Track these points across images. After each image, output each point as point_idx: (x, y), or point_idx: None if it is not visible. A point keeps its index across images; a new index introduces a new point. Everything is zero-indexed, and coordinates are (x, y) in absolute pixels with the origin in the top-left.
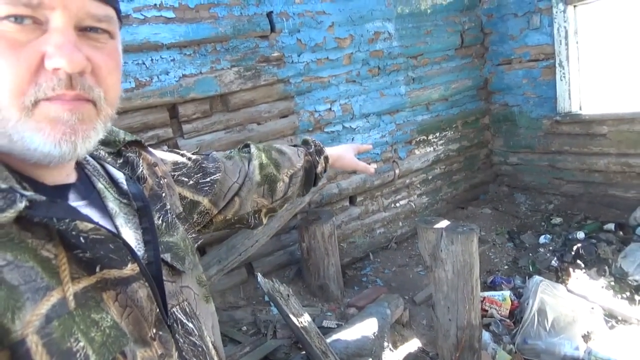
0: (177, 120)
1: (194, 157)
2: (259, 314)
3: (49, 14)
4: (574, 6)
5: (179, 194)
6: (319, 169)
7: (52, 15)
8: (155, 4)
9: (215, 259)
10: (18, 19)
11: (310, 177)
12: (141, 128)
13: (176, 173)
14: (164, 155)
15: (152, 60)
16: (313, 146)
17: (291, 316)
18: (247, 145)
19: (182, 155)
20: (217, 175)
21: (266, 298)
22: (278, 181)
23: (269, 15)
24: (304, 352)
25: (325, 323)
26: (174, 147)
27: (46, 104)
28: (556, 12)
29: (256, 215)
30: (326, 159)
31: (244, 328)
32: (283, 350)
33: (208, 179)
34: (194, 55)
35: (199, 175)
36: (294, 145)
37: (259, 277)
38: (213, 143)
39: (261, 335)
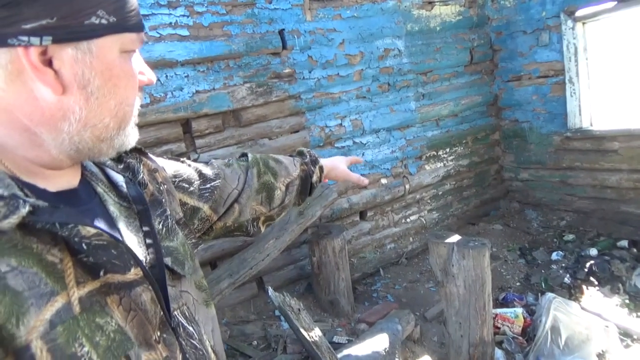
0: (190, 135)
1: (194, 164)
2: (270, 328)
3: None
4: (583, 23)
5: (180, 200)
6: (314, 178)
7: None
8: (171, 23)
9: (227, 272)
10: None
11: (306, 186)
12: (155, 143)
13: (177, 179)
14: (164, 162)
15: (166, 76)
16: (308, 156)
17: (302, 330)
18: (245, 154)
19: (183, 162)
20: (217, 182)
21: (277, 312)
22: (275, 189)
23: (281, 32)
24: None
25: (335, 338)
26: None
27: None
28: (565, 29)
29: (254, 223)
30: (321, 168)
31: (255, 342)
32: None
33: (208, 186)
34: (207, 72)
35: (199, 181)
36: (290, 156)
37: (270, 291)
38: (225, 158)
39: (271, 350)
